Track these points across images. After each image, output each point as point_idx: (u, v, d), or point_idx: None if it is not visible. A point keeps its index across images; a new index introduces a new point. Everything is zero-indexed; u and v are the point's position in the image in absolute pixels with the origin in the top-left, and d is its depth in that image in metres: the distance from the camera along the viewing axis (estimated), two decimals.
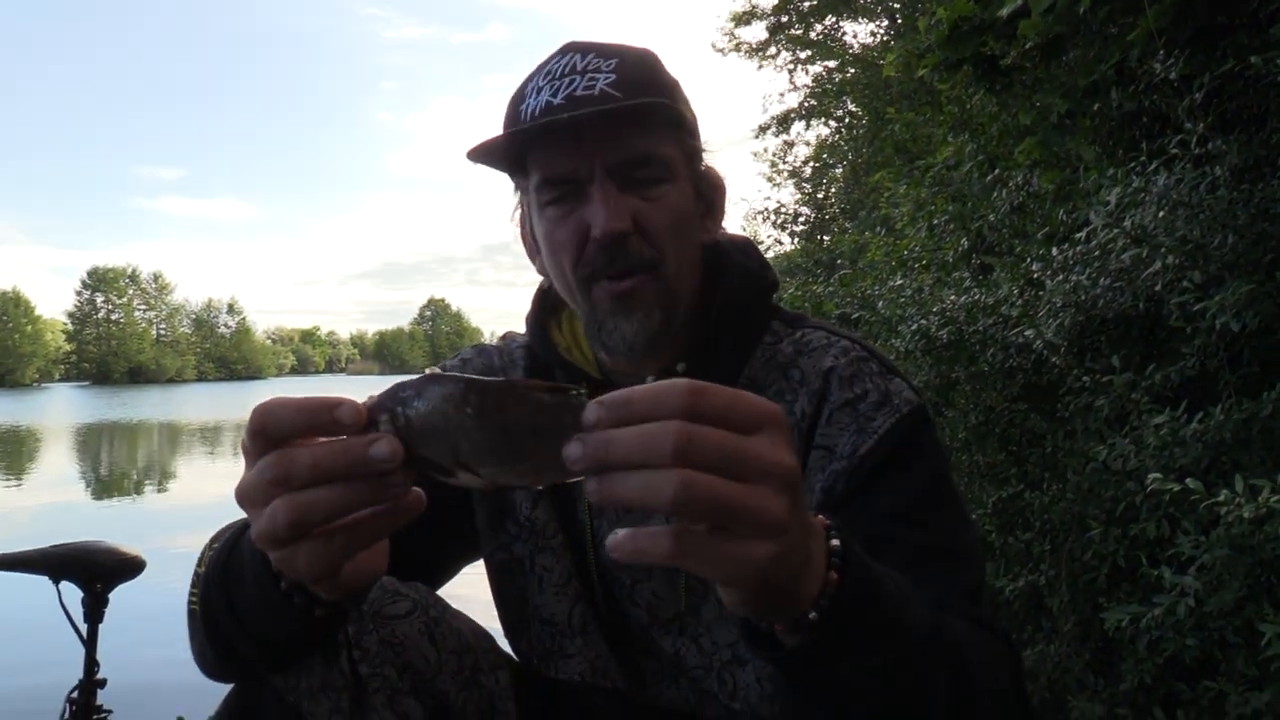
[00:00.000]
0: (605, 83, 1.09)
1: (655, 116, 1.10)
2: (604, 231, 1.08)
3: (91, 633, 2.52)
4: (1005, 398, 3.21)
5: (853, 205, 13.06)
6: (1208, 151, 2.61)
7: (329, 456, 0.67)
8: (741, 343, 1.21)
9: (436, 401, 0.67)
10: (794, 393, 1.17)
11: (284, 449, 0.69)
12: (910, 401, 1.14)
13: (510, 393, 0.67)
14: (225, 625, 0.92)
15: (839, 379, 1.15)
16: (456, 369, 1.34)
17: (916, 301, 3.70)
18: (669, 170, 1.12)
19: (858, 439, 1.11)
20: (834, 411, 1.14)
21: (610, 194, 1.09)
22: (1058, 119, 3.63)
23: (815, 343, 1.20)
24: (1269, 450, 2.24)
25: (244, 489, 0.71)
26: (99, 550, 2.52)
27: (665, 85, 1.15)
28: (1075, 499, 2.72)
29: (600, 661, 1.24)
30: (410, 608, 1.16)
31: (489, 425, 0.66)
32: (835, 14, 16.24)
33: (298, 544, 0.70)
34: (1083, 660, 2.65)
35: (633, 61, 1.13)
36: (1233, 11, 2.83)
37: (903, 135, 7.19)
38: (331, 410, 0.68)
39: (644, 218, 1.11)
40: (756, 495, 0.63)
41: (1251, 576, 2.05)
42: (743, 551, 0.64)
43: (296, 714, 1.04)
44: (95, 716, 2.49)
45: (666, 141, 1.12)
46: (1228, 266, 2.45)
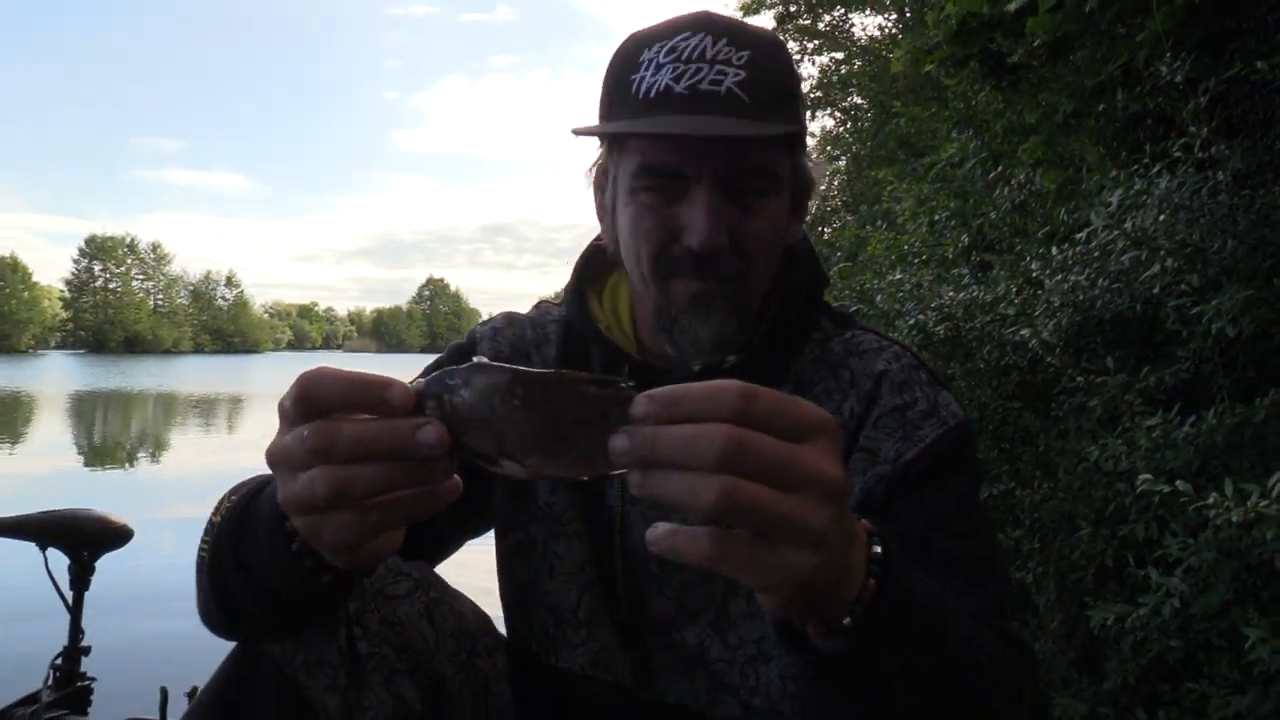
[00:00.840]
0: (734, 80, 1.04)
1: (787, 134, 1.06)
2: (701, 245, 1.05)
3: (77, 600, 2.52)
4: (1000, 395, 3.21)
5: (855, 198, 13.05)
6: (1211, 156, 2.61)
7: (376, 435, 0.66)
8: (792, 338, 1.20)
9: (483, 391, 0.66)
10: (843, 393, 1.16)
11: (329, 420, 0.68)
12: (956, 415, 1.14)
13: (558, 384, 0.66)
14: (231, 578, 0.91)
15: (890, 384, 1.15)
16: (487, 337, 1.31)
17: (915, 296, 3.71)
18: (777, 183, 1.10)
19: (903, 445, 1.11)
20: (882, 415, 1.13)
21: (715, 205, 1.05)
22: (1063, 118, 3.63)
23: (866, 345, 1.19)
24: (1260, 455, 2.25)
25: (279, 452, 0.70)
26: (87, 518, 2.52)
27: (791, 90, 1.10)
28: (1066, 498, 2.73)
29: (603, 654, 1.23)
30: (411, 587, 1.16)
31: (535, 416, 0.66)
32: (844, 5, 16.18)
33: (330, 513, 0.69)
34: (1068, 658, 2.67)
35: (765, 56, 1.07)
36: (1241, 16, 2.83)
37: (907, 129, 7.18)
38: (382, 390, 0.67)
39: (741, 230, 1.07)
40: (800, 506, 0.62)
41: (1238, 580, 2.07)
42: (782, 561, 0.63)
43: (292, 685, 1.04)
44: (79, 683, 2.49)
45: (780, 155, 1.09)
46: (1226, 271, 2.45)
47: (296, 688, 1.04)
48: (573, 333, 1.28)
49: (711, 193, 1.06)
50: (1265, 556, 1.92)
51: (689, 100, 1.04)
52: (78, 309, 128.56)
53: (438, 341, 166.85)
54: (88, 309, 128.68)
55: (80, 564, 2.51)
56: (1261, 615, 2.00)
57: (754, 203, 1.08)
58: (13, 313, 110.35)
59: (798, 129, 1.08)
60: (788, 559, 0.63)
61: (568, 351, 1.29)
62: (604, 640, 1.23)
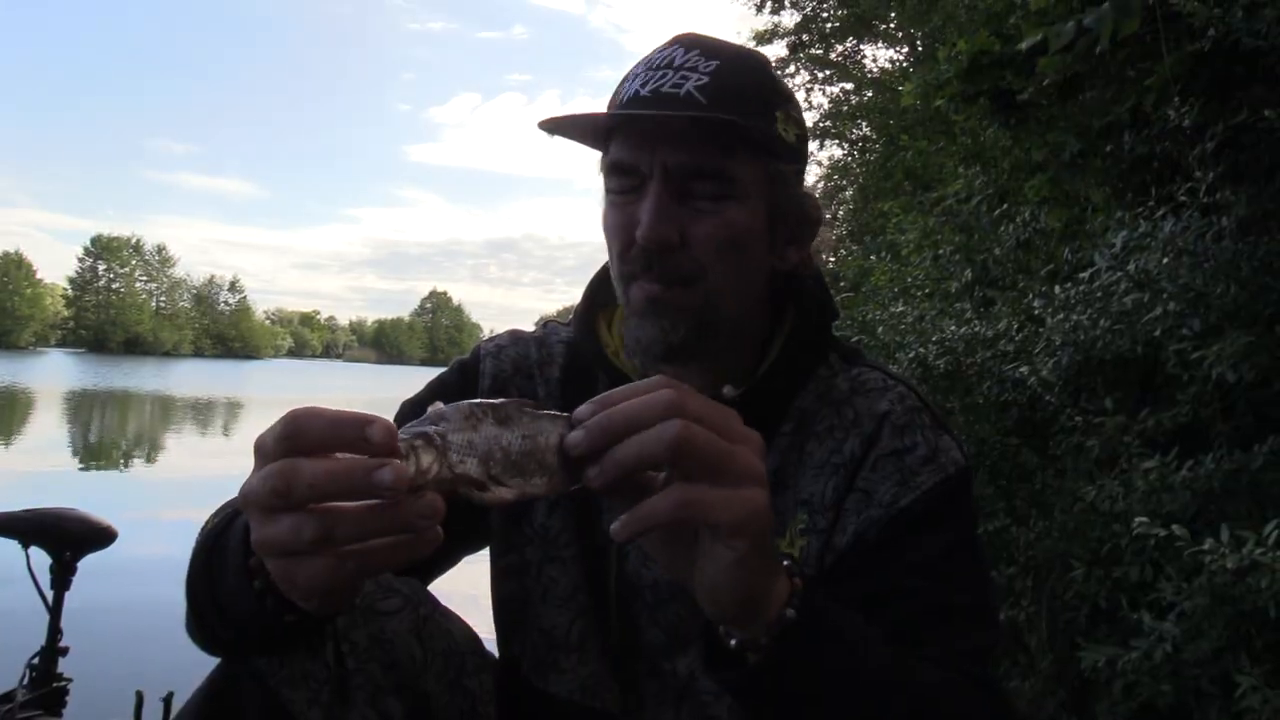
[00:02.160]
0: (694, 84, 1.06)
1: (733, 132, 1.05)
2: (644, 237, 1.06)
3: (57, 600, 2.51)
4: (998, 431, 3.21)
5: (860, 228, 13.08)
6: (1216, 201, 2.62)
7: (330, 475, 0.66)
8: (797, 374, 1.19)
9: (465, 415, 0.71)
10: (844, 431, 1.15)
11: (291, 460, 0.67)
12: (956, 462, 1.13)
13: (516, 409, 0.73)
14: (205, 607, 0.92)
15: (891, 426, 1.13)
16: (491, 355, 1.30)
17: (917, 329, 3.71)
18: (736, 189, 1.07)
19: (899, 491, 1.10)
20: (881, 458, 1.12)
21: (662, 200, 1.06)
22: (1070, 158, 3.64)
23: (872, 384, 1.18)
24: (1256, 503, 2.25)
25: (249, 493, 0.69)
26: (70, 518, 2.51)
27: (762, 99, 1.10)
28: (1061, 537, 2.72)
29: (592, 681, 1.21)
30: (401, 604, 1.15)
31: (512, 435, 0.72)
32: (856, 37, 16.30)
33: (305, 558, 0.69)
34: (1057, 699, 2.66)
35: (735, 67, 1.09)
36: (1250, 64, 2.84)
37: (914, 163, 7.20)
38: (363, 427, 0.67)
39: (692, 232, 1.07)
40: (740, 449, 0.73)
41: (1231, 627, 2.06)
42: (740, 496, 0.73)
43: (276, 699, 1.03)
44: (54, 684, 2.47)
45: (741, 159, 1.07)
46: (1228, 317, 2.45)
47: (280, 702, 1.03)
48: (578, 355, 1.27)
49: (660, 188, 1.06)
50: (1259, 604, 1.91)
51: (650, 101, 1.07)
52: (80, 308, 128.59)
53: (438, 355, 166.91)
54: (90, 308, 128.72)
55: (62, 564, 2.49)
56: (1254, 663, 1.99)
57: (707, 205, 1.07)
58: (14, 309, 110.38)
59: (748, 123, 1.05)
60: (743, 493, 0.73)
61: (571, 375, 1.28)
62: (593, 667, 1.21)
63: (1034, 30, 3.37)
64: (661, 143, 1.06)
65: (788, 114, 1.12)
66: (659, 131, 1.06)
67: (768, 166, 1.09)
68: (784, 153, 1.10)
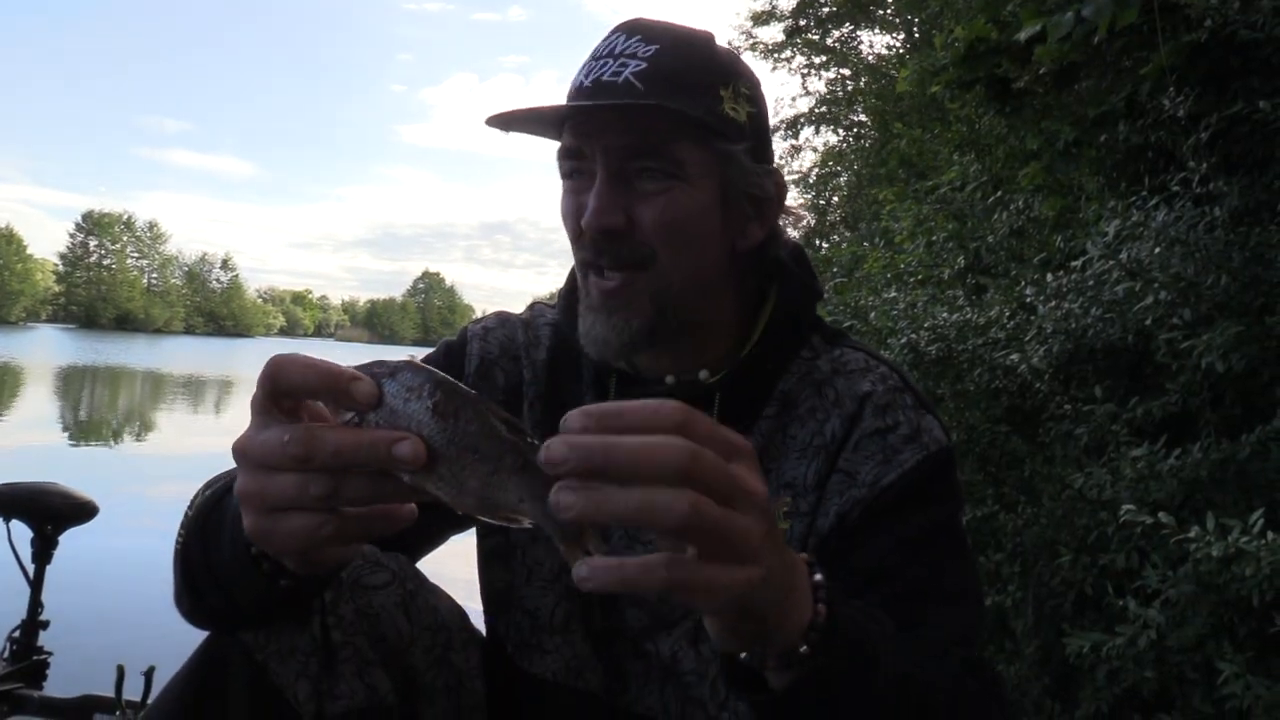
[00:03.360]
0: (633, 70, 1.06)
1: (673, 114, 1.05)
2: (588, 223, 1.07)
3: (38, 574, 2.52)
4: (988, 418, 3.22)
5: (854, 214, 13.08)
6: (1209, 191, 2.62)
7: (355, 446, 0.68)
8: (781, 355, 1.19)
9: (406, 385, 0.69)
10: (826, 412, 1.15)
11: (312, 428, 0.69)
12: (939, 441, 1.13)
13: (473, 404, 0.69)
14: (200, 574, 0.93)
15: (874, 406, 1.13)
16: (478, 336, 1.31)
17: (909, 316, 3.71)
18: (680, 170, 1.07)
19: (881, 470, 1.10)
20: (863, 438, 1.12)
21: (606, 186, 1.07)
22: (1064, 146, 3.64)
23: (853, 364, 1.18)
24: (1243, 492, 2.26)
25: (258, 447, 0.70)
26: (52, 492, 2.52)
27: (704, 80, 1.09)
28: (1048, 524, 2.74)
29: (576, 662, 1.22)
30: (388, 579, 1.15)
31: (444, 425, 0.68)
32: (853, 23, 16.23)
33: (290, 514, 0.70)
34: (1041, 684, 2.68)
35: (675, 50, 1.08)
36: (1246, 55, 2.85)
37: (909, 150, 7.20)
38: (348, 382, 0.68)
39: (639, 215, 1.07)
40: (743, 520, 0.62)
41: (1215, 614, 2.08)
42: (728, 577, 0.63)
43: (264, 673, 1.03)
44: (35, 657, 2.48)
45: (683, 141, 1.07)
46: (1219, 307, 2.46)
47: (267, 675, 1.03)
48: (565, 339, 1.27)
49: (604, 174, 1.07)
50: (1243, 592, 1.92)
51: (590, 91, 1.08)
52: (70, 283, 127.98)
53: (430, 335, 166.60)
54: (81, 284, 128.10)
55: (43, 538, 2.50)
56: (1237, 650, 2.01)
57: (652, 188, 1.07)
58: (5, 284, 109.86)
59: (682, 108, 1.05)
60: (732, 575, 0.63)
61: (557, 357, 1.28)
62: (578, 648, 1.22)
63: (1032, 19, 3.37)
64: (603, 130, 1.07)
65: (736, 90, 1.11)
66: (600, 120, 1.07)
67: (713, 146, 1.09)
68: (730, 131, 1.09)
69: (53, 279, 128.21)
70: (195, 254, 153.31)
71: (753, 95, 1.13)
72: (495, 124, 1.12)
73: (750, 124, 1.12)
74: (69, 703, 2.38)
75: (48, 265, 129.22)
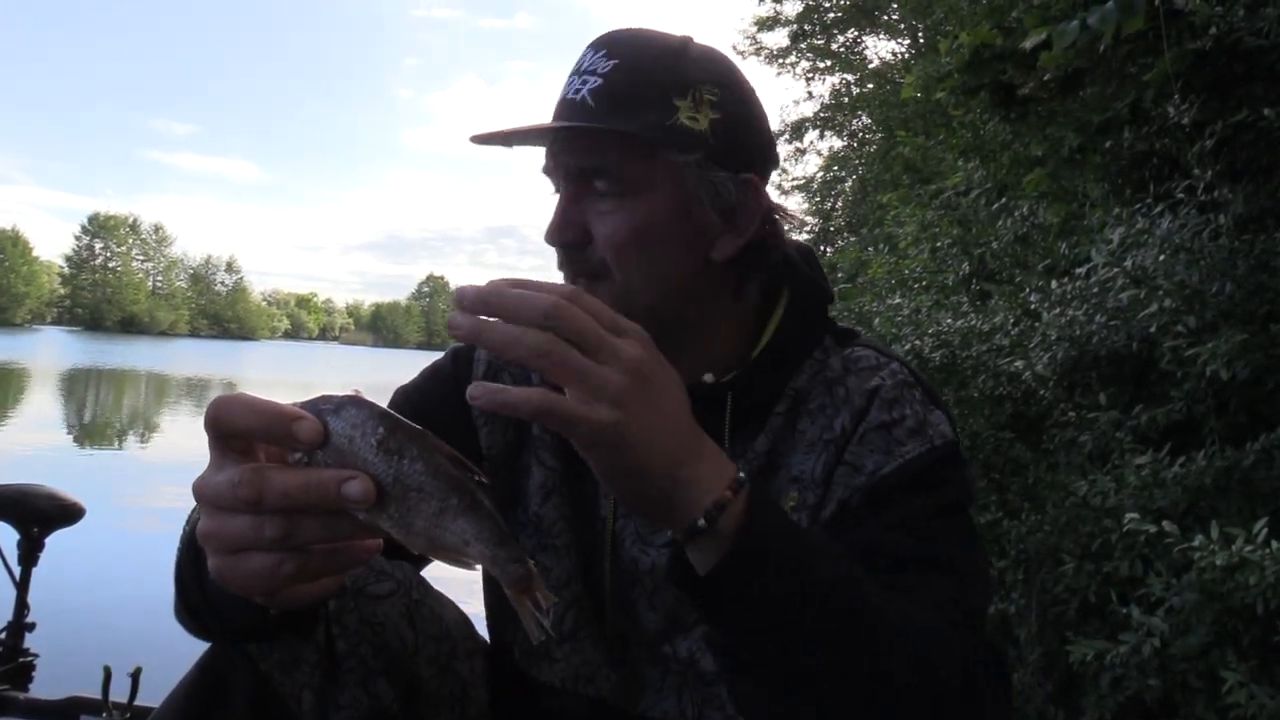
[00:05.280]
0: (590, 88, 1.08)
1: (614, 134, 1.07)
2: (547, 238, 1.12)
3: (25, 576, 2.51)
4: (992, 425, 3.22)
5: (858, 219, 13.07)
6: (1213, 199, 2.62)
7: (303, 487, 0.68)
8: (793, 356, 1.19)
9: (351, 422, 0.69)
10: (836, 409, 1.15)
11: (260, 469, 0.69)
12: (945, 435, 1.13)
13: (420, 440, 0.69)
14: (195, 598, 0.94)
15: (881, 401, 1.13)
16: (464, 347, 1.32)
17: (913, 321, 3.71)
18: (630, 185, 1.08)
19: (882, 459, 1.10)
20: (869, 431, 1.12)
21: (563, 203, 1.11)
22: (1069, 153, 3.64)
23: (865, 362, 1.18)
24: (1247, 500, 2.26)
25: (210, 489, 0.71)
26: (39, 494, 2.51)
27: (654, 94, 1.08)
28: (1052, 531, 2.73)
29: (585, 669, 1.22)
30: (393, 588, 1.15)
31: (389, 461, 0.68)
32: (858, 28, 16.24)
33: (250, 554, 0.70)
34: (1045, 692, 2.67)
35: (631, 64, 1.09)
36: (1250, 62, 2.84)
37: (913, 156, 7.20)
38: (290, 422, 0.68)
39: (596, 230, 1.09)
40: (601, 369, 0.76)
41: (1219, 623, 2.07)
42: (584, 411, 0.75)
43: (267, 682, 1.03)
44: (21, 659, 2.48)
45: (630, 156, 1.07)
46: (1223, 314, 2.46)
47: (271, 685, 1.03)
48: None
49: (565, 191, 1.11)
50: (1247, 601, 1.92)
51: (557, 109, 1.11)
52: (76, 286, 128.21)
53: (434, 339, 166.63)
54: (86, 286, 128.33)
55: (30, 540, 2.50)
56: (1240, 659, 2.01)
57: (607, 203, 1.09)
58: (10, 286, 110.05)
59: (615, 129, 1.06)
60: (590, 410, 0.75)
61: None
62: (587, 655, 1.22)
63: (1038, 27, 3.37)
64: (561, 150, 1.11)
65: (698, 98, 1.09)
66: (559, 140, 1.11)
67: (668, 158, 1.08)
68: (684, 142, 1.08)
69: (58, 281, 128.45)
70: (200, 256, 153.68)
71: (721, 100, 1.11)
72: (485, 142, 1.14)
73: (714, 130, 1.10)
74: (55, 704, 2.37)
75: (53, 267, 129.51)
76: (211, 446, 0.72)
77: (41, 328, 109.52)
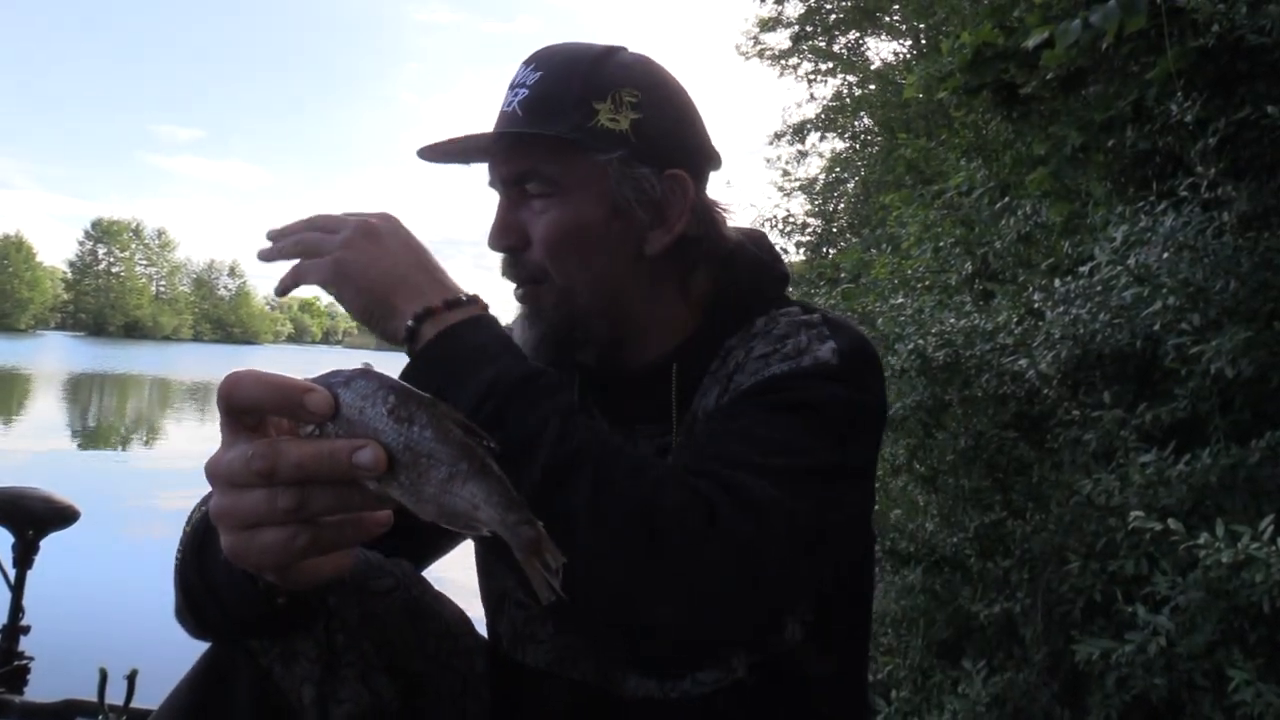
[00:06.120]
0: (519, 99, 1.16)
1: (535, 137, 1.14)
2: (488, 244, 1.18)
3: (19, 578, 2.51)
4: (996, 424, 3.21)
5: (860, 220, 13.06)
6: (1217, 196, 2.61)
7: (316, 458, 0.69)
8: (732, 321, 1.23)
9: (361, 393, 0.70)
10: (744, 353, 1.18)
11: (274, 442, 0.70)
12: (819, 358, 1.10)
13: (429, 409, 0.70)
14: (199, 592, 0.95)
15: (771, 336, 1.17)
16: None
17: (916, 321, 3.70)
18: (555, 187, 1.14)
19: (748, 379, 1.13)
20: (751, 360, 1.15)
21: (501, 210, 1.19)
22: (1071, 152, 3.63)
23: (792, 315, 1.21)
24: (1252, 498, 2.25)
25: (223, 467, 0.72)
26: (33, 497, 2.52)
27: (574, 99, 1.14)
28: (1057, 530, 2.72)
29: (569, 651, 1.23)
30: (393, 585, 1.16)
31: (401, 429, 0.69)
32: (860, 29, 16.23)
33: (264, 530, 0.71)
34: (1050, 691, 2.66)
35: (555, 74, 1.16)
36: (1254, 60, 2.84)
37: (915, 157, 7.19)
38: (301, 394, 0.70)
39: (531, 234, 1.16)
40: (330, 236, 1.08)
41: (1225, 621, 2.06)
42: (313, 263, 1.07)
43: (268, 677, 1.04)
44: (16, 662, 2.48)
45: (553, 159, 1.14)
46: (1228, 312, 2.45)
47: (272, 680, 1.04)
48: None
49: (500, 197, 1.20)
50: (1253, 599, 1.91)
51: (496, 125, 1.18)
52: (79, 291, 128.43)
53: None
54: (89, 292, 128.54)
55: (24, 542, 2.50)
56: (1247, 657, 2.00)
57: (538, 207, 1.16)
58: (14, 291, 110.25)
59: (536, 130, 1.13)
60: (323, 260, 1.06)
61: None
62: (570, 637, 1.23)
63: (1039, 27, 3.36)
64: (496, 161, 1.19)
65: (617, 101, 1.15)
66: (494, 152, 1.19)
67: (592, 160, 1.14)
68: (603, 142, 1.14)
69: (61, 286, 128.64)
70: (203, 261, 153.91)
71: (643, 102, 1.16)
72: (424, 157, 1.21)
73: (635, 130, 1.15)
74: (51, 707, 2.37)
75: (57, 273, 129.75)
76: (223, 425, 0.73)
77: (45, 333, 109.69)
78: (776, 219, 15.42)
